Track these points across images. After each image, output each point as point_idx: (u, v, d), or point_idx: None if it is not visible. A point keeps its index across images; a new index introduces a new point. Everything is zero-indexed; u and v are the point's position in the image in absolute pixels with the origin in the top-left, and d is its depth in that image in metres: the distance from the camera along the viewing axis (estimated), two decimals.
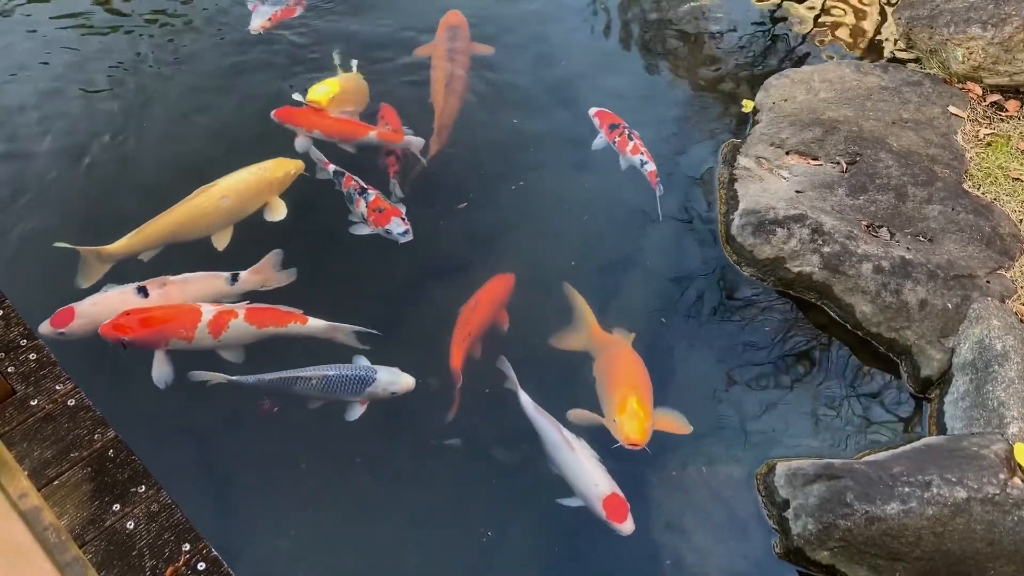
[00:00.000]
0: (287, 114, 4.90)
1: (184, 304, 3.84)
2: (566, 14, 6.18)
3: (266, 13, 5.60)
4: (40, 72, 5.37)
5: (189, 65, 5.49)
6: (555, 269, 4.61)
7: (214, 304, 3.86)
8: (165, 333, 3.75)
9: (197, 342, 3.76)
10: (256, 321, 3.82)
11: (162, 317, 3.76)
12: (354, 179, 4.58)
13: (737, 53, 5.80)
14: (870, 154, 4.65)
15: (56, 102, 5.17)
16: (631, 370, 3.94)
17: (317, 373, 3.71)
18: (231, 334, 3.77)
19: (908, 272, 4.11)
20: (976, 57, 4.95)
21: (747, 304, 4.42)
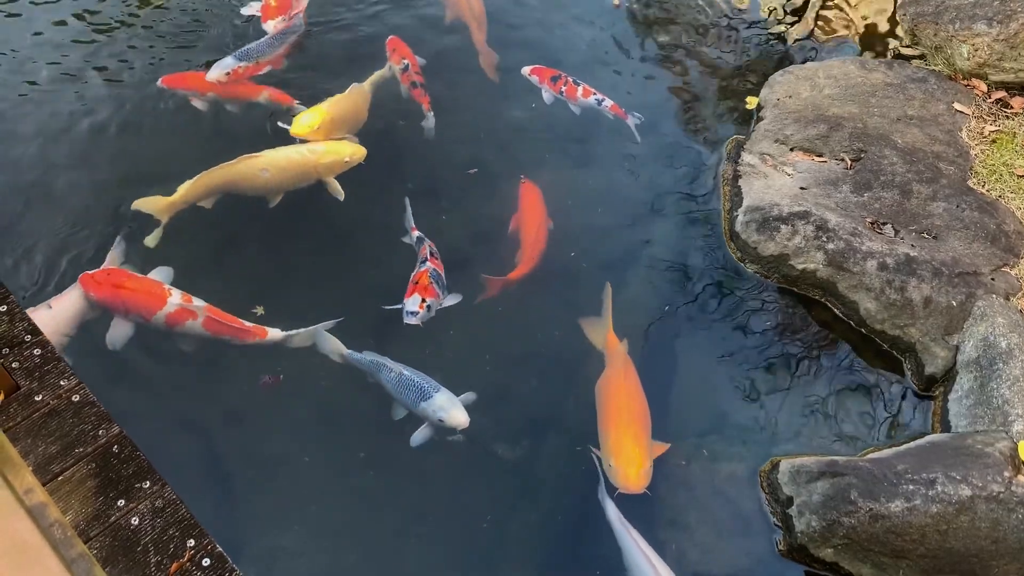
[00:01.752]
0: (176, 80, 5.01)
1: (158, 287, 4.01)
2: (569, 11, 6.16)
3: (227, 66, 5.02)
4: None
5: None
6: (558, 263, 4.61)
7: (185, 297, 3.98)
8: (128, 304, 3.95)
9: (152, 324, 3.95)
10: (212, 330, 3.93)
11: (132, 289, 3.96)
12: (428, 248, 4.32)
13: (741, 49, 5.78)
14: (875, 151, 4.64)
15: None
16: (630, 404, 3.82)
17: (397, 368, 3.79)
18: (183, 330, 3.94)
19: (912, 269, 4.10)
20: (981, 54, 4.93)
21: (751, 301, 4.41)
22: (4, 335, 2.91)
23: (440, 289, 4.12)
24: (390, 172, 4.82)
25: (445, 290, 4.17)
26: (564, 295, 4.52)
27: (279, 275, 4.39)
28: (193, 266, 4.27)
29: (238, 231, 4.54)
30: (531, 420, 4.00)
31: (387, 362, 3.84)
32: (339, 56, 5.52)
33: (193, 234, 4.44)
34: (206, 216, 4.51)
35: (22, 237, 4.37)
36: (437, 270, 4.18)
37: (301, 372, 3.97)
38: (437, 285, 4.10)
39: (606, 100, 5.07)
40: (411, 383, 3.72)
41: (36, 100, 5.06)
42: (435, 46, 5.59)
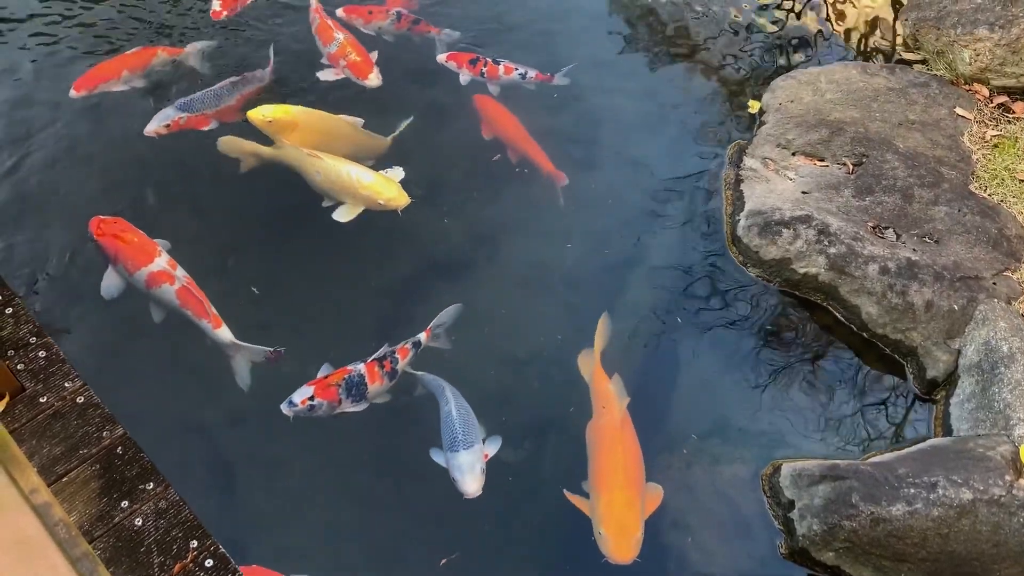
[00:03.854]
0: (85, 82, 4.89)
1: (152, 247, 4.12)
2: (573, 15, 6.18)
3: (167, 117, 4.73)
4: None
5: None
6: (558, 267, 4.63)
7: (171, 263, 4.09)
8: (120, 254, 4.08)
9: (133, 280, 4.07)
10: (181, 299, 4.00)
11: (128, 242, 4.11)
12: (388, 355, 3.99)
13: (744, 54, 5.80)
14: (876, 155, 4.65)
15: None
16: (625, 460, 3.63)
17: (451, 403, 3.74)
18: (157, 293, 4.02)
19: (914, 273, 4.11)
20: (983, 59, 4.95)
21: (753, 305, 4.42)
22: (9, 337, 2.93)
23: (351, 400, 3.78)
24: None
25: (362, 401, 3.82)
26: (566, 297, 4.54)
27: (283, 277, 4.41)
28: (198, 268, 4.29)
29: (244, 234, 4.57)
30: (533, 423, 4.01)
31: (447, 391, 3.80)
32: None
33: (200, 234, 4.47)
34: (214, 219, 4.55)
35: (24, 236, 4.41)
36: (365, 381, 3.81)
37: (302, 374, 3.99)
38: (348, 395, 3.76)
39: (529, 71, 5.19)
40: (450, 425, 3.65)
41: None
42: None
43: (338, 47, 5.11)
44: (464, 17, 5.82)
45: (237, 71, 5.10)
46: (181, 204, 4.61)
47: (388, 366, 3.86)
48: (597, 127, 5.35)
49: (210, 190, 4.72)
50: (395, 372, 3.90)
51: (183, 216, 4.49)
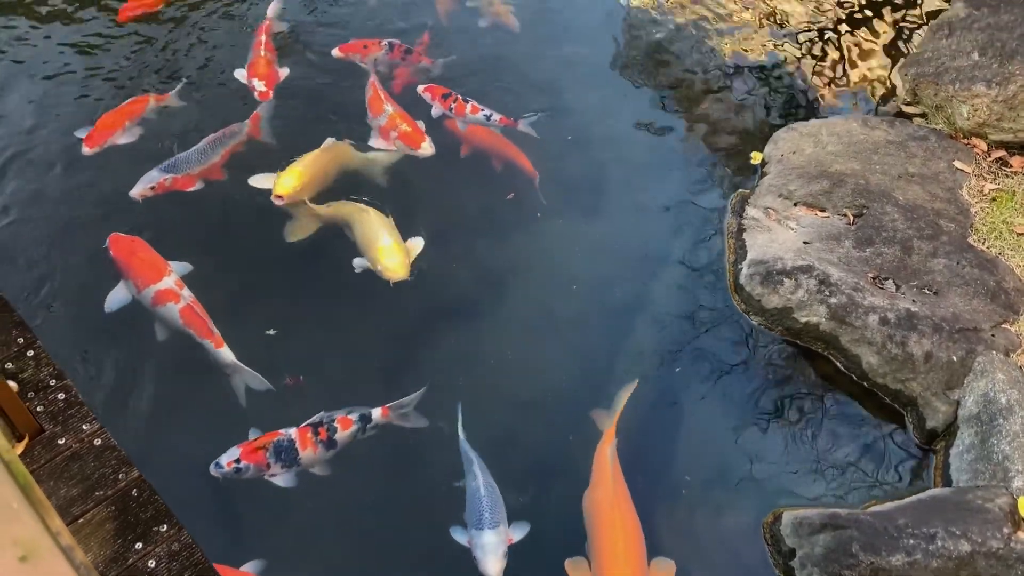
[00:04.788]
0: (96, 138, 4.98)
1: (163, 266, 4.30)
2: (579, 64, 6.33)
3: (153, 180, 4.74)
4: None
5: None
6: (564, 311, 4.72)
7: (178, 282, 4.25)
8: (131, 270, 4.28)
9: (141, 296, 4.23)
10: (185, 318, 4.14)
11: (141, 258, 4.32)
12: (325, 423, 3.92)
13: (747, 105, 5.92)
14: (876, 207, 4.75)
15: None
16: (625, 539, 3.59)
17: (479, 479, 3.72)
18: (162, 311, 4.17)
19: (914, 324, 4.18)
20: (981, 114, 5.06)
21: (755, 353, 4.50)
22: (30, 379, 3.01)
23: (280, 465, 3.70)
24: (404, 217, 4.92)
25: (293, 468, 3.74)
26: (572, 342, 4.62)
27: (294, 319, 4.50)
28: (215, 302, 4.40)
29: (258, 276, 4.68)
30: (537, 467, 4.07)
31: (476, 466, 3.79)
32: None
33: (217, 275, 4.59)
34: (231, 260, 4.67)
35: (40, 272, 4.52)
36: (296, 447, 3.73)
37: (309, 416, 4.06)
38: (276, 460, 3.70)
39: (494, 115, 5.33)
40: (477, 502, 3.64)
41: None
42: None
43: (388, 119, 5.17)
44: (471, 64, 5.97)
45: (217, 127, 5.12)
46: (199, 245, 4.72)
47: (324, 434, 3.77)
48: (603, 174, 5.47)
49: (228, 232, 4.85)
50: (332, 442, 3.79)
51: (201, 256, 4.59)
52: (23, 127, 5.31)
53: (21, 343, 3.09)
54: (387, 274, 4.42)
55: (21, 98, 5.50)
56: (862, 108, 5.85)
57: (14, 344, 3.09)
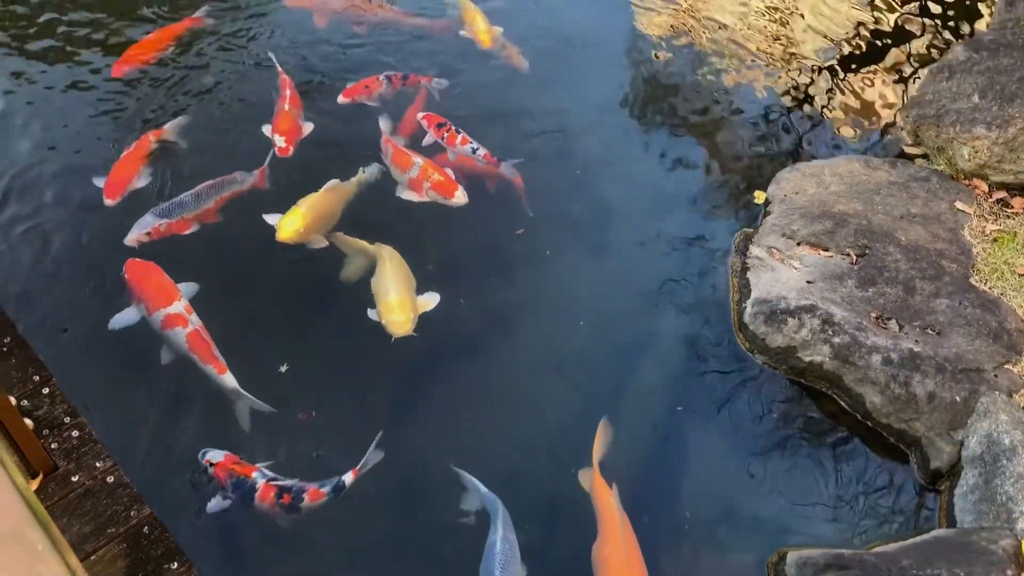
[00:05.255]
0: (115, 188, 5.02)
1: (174, 291, 4.41)
2: (585, 106, 6.43)
3: (148, 225, 4.77)
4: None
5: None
6: (569, 349, 4.76)
7: (187, 308, 4.35)
8: (143, 293, 4.41)
9: (150, 319, 4.33)
10: (191, 344, 4.23)
11: (154, 283, 4.44)
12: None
13: (752, 142, 6.01)
14: (879, 247, 4.81)
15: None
16: None
17: (498, 533, 3.71)
18: (169, 335, 4.27)
19: (917, 364, 4.22)
20: (981, 156, 5.13)
21: (760, 391, 4.53)
22: (45, 417, 3.07)
23: (234, 496, 3.75)
24: (412, 253, 5.00)
25: (241, 505, 3.75)
26: (575, 379, 4.65)
27: (303, 354, 4.55)
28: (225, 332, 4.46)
29: (269, 311, 4.74)
30: (541, 507, 4.09)
31: (499, 520, 3.78)
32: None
33: (229, 309, 4.66)
34: (242, 295, 4.75)
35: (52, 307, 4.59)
36: (255, 494, 3.75)
37: (316, 450, 4.10)
38: (233, 490, 3.76)
39: (480, 149, 5.44)
40: (492, 556, 3.65)
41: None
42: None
43: (419, 171, 5.17)
44: (476, 107, 6.07)
45: (216, 175, 5.13)
46: (212, 278, 4.78)
47: (287, 499, 3.74)
48: (609, 212, 5.53)
49: (241, 265, 4.92)
50: (295, 508, 3.76)
51: (213, 289, 4.67)
52: (31, 157, 5.44)
53: (37, 380, 3.15)
54: (389, 329, 4.46)
55: (29, 132, 5.63)
56: (865, 148, 5.93)
57: (30, 381, 3.15)
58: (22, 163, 5.40)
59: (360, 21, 6.67)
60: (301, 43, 6.43)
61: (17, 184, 5.26)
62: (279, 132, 5.42)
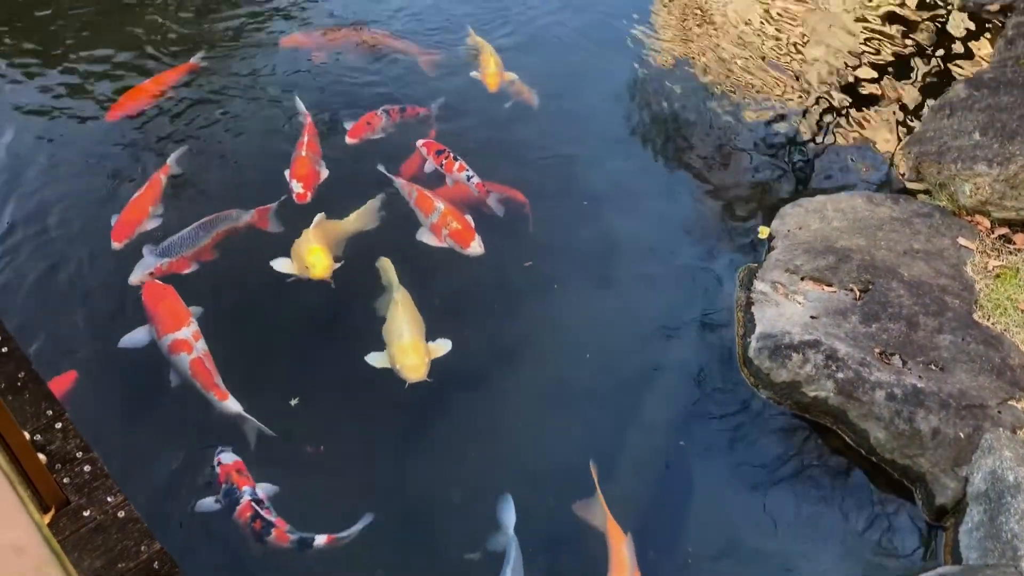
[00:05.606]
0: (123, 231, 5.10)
1: (186, 316, 4.53)
2: (591, 138, 6.52)
3: (149, 265, 4.85)
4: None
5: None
6: (575, 382, 4.80)
7: (195, 334, 4.47)
8: (155, 315, 4.55)
9: (160, 342, 4.47)
10: (194, 370, 4.35)
11: (167, 307, 4.56)
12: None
13: (756, 176, 6.08)
14: (882, 283, 4.85)
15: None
16: None
17: (513, 570, 3.77)
18: (175, 359, 4.41)
19: (920, 400, 4.24)
20: (983, 192, 5.19)
21: (765, 426, 4.55)
22: (58, 451, 3.09)
23: (222, 502, 3.92)
24: (420, 283, 5.05)
25: (220, 509, 3.92)
26: (582, 413, 4.68)
27: (309, 387, 4.59)
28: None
29: (277, 345, 4.79)
30: (548, 540, 4.10)
31: (512, 556, 3.83)
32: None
33: (238, 343, 4.72)
34: (251, 330, 4.81)
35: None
36: (236, 506, 3.89)
37: (322, 486, 4.13)
38: (224, 498, 3.93)
39: (475, 177, 5.59)
40: None
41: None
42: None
43: (439, 216, 5.24)
44: (483, 141, 6.17)
45: (213, 211, 5.22)
46: (225, 313, 4.87)
47: (257, 526, 3.81)
48: (614, 245, 5.59)
49: (251, 298, 5.00)
50: (261, 538, 3.80)
51: (225, 324, 4.73)
52: (38, 189, 5.56)
53: (50, 415, 3.19)
54: (403, 374, 4.45)
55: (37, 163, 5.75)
56: (868, 183, 5.99)
57: (43, 416, 3.18)
58: (29, 192, 5.51)
59: (359, 54, 6.82)
60: (301, 82, 6.55)
61: (22, 214, 5.37)
62: (297, 177, 5.45)
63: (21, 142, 5.92)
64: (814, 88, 6.78)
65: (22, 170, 5.70)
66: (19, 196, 5.51)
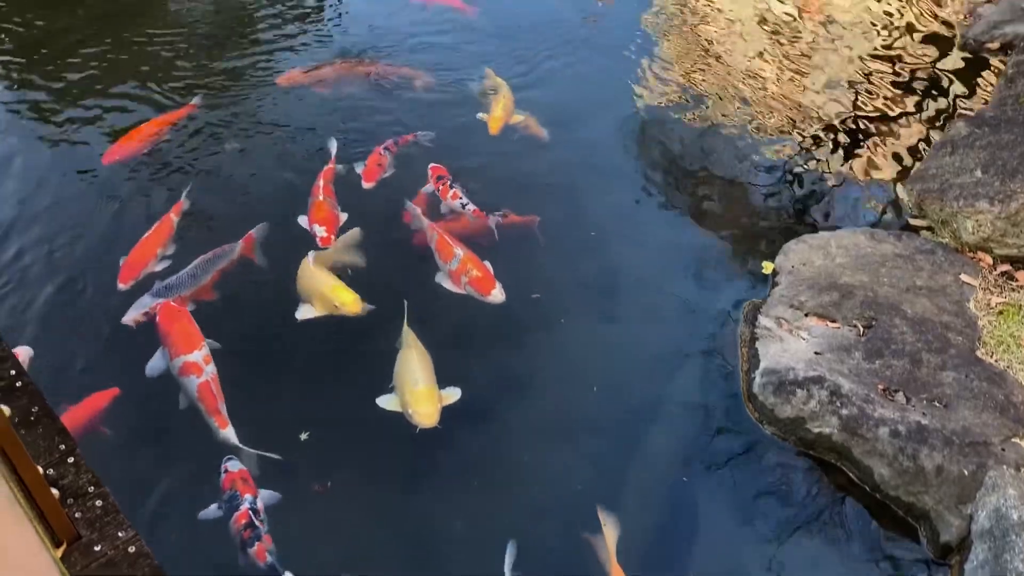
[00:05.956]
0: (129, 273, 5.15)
1: (199, 340, 4.63)
2: (597, 170, 6.59)
3: (144, 305, 4.90)
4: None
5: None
6: (580, 416, 4.83)
7: (206, 358, 4.57)
8: (169, 336, 4.65)
9: (171, 364, 4.59)
10: (199, 392, 4.45)
11: (181, 329, 4.68)
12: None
13: (759, 213, 6.15)
14: (885, 319, 4.89)
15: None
16: None
17: None
18: (184, 381, 4.52)
19: (924, 438, 4.26)
20: (985, 230, 5.24)
21: (769, 463, 4.57)
22: (70, 486, 3.13)
23: (223, 507, 4.06)
24: (426, 318, 5.10)
25: (220, 515, 4.06)
26: (587, 447, 4.71)
27: (317, 419, 4.63)
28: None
29: (284, 376, 4.84)
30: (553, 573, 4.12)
31: None
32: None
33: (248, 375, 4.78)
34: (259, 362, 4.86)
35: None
36: (234, 513, 4.02)
37: (327, 520, 4.16)
38: (225, 504, 4.06)
39: (469, 204, 5.71)
40: None
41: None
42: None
43: (459, 263, 5.24)
44: (492, 173, 6.27)
45: (207, 248, 5.30)
46: (238, 344, 4.93)
47: (247, 535, 3.92)
48: (620, 277, 5.66)
49: (268, 333, 5.07)
50: (245, 548, 3.90)
51: (238, 357, 4.80)
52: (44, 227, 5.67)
53: (63, 450, 3.23)
54: (415, 420, 4.46)
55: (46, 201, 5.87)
56: (871, 219, 6.05)
57: (56, 451, 3.23)
58: (37, 222, 5.63)
59: (359, 86, 7.01)
60: (304, 119, 6.68)
61: (30, 242, 5.50)
62: (318, 222, 5.47)
63: (30, 174, 6.04)
64: (817, 124, 6.87)
65: (32, 203, 5.80)
66: (28, 226, 5.61)
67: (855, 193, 6.27)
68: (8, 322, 4.95)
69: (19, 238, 5.55)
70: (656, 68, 7.54)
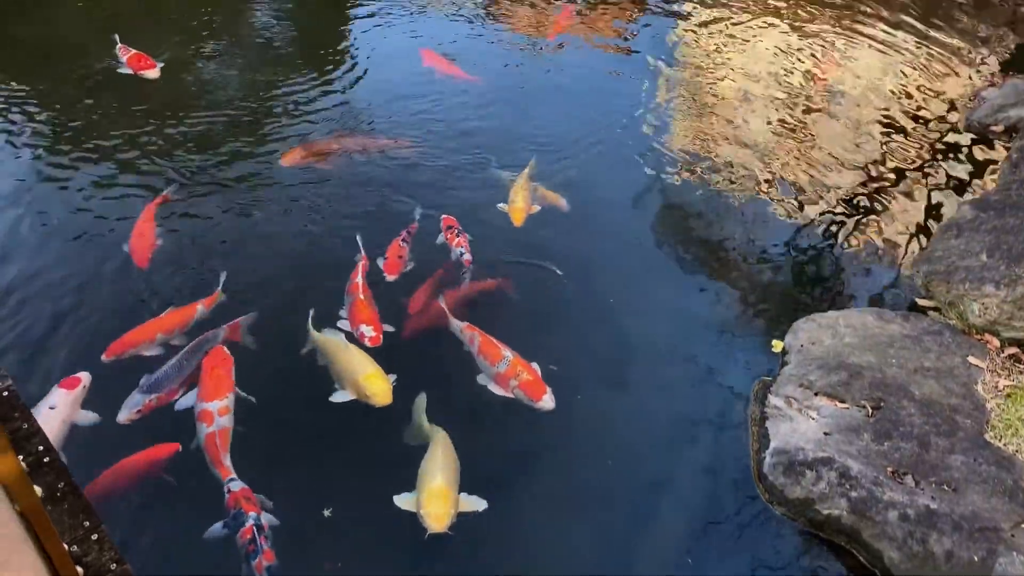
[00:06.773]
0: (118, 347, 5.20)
1: (226, 386, 4.90)
2: (609, 238, 6.74)
3: (136, 404, 4.87)
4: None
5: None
6: (591, 488, 4.87)
7: (222, 409, 4.77)
8: (202, 380, 4.93)
9: (195, 407, 4.84)
10: (206, 442, 4.64)
11: (217, 374, 4.95)
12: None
13: (769, 289, 6.25)
14: (893, 401, 4.95)
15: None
16: None
17: None
18: (199, 426, 4.73)
19: (933, 522, 4.29)
20: (991, 313, 5.32)
21: (779, 544, 4.59)
22: (93, 563, 3.20)
23: (228, 525, 4.24)
24: (440, 388, 5.18)
25: (224, 533, 4.25)
26: (597, 521, 4.74)
27: (325, 485, 4.69)
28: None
29: (290, 444, 4.93)
30: None
31: None
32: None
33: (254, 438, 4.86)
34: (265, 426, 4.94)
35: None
36: (239, 528, 4.20)
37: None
38: (231, 520, 4.24)
39: (467, 254, 6.12)
40: None
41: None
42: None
43: (508, 366, 5.13)
44: (502, 242, 6.42)
45: (190, 338, 5.34)
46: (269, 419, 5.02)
47: (251, 549, 4.12)
48: (628, 349, 5.74)
49: (272, 401, 5.15)
50: (248, 557, 4.10)
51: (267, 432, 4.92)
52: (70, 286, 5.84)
53: (87, 527, 3.31)
54: (426, 521, 4.37)
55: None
56: (879, 298, 6.14)
57: (80, 527, 3.31)
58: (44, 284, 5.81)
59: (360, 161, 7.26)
60: (309, 206, 6.84)
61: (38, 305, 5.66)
62: (364, 322, 5.43)
63: (42, 237, 6.26)
64: (826, 201, 7.02)
65: (46, 270, 6.00)
66: (36, 290, 5.80)
67: (863, 270, 6.38)
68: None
69: (29, 294, 5.76)
70: (666, 145, 7.74)
